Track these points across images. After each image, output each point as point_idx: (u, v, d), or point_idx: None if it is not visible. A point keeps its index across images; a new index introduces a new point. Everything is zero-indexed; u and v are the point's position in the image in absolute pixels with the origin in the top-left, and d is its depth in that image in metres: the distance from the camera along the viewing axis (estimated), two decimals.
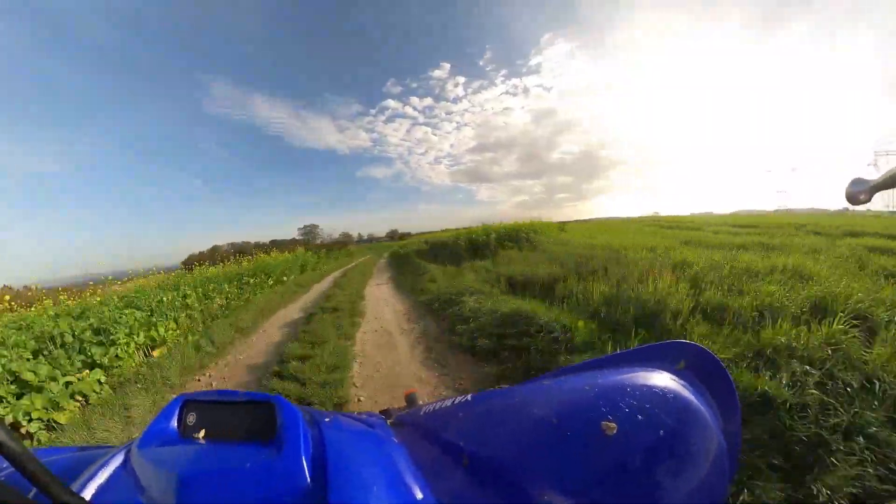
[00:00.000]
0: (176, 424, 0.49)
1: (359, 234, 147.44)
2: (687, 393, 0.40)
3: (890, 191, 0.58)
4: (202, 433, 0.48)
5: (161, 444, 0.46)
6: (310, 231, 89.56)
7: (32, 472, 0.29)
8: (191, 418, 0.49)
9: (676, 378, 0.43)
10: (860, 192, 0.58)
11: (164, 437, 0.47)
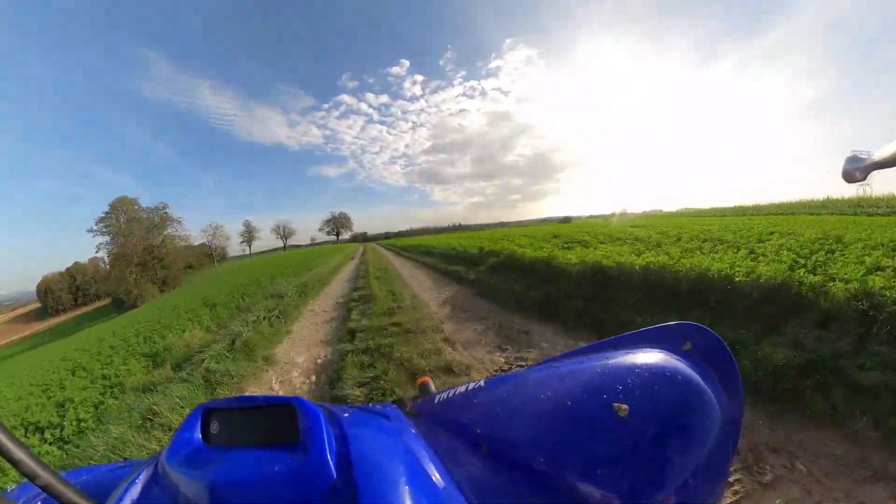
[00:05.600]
0: (200, 434, 0.49)
1: (276, 224, 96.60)
2: (693, 374, 0.42)
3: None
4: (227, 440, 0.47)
5: (188, 454, 0.46)
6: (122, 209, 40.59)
7: (68, 500, 0.30)
8: (214, 426, 0.49)
9: (682, 359, 0.44)
10: (856, 169, 0.56)
11: (189, 447, 0.47)
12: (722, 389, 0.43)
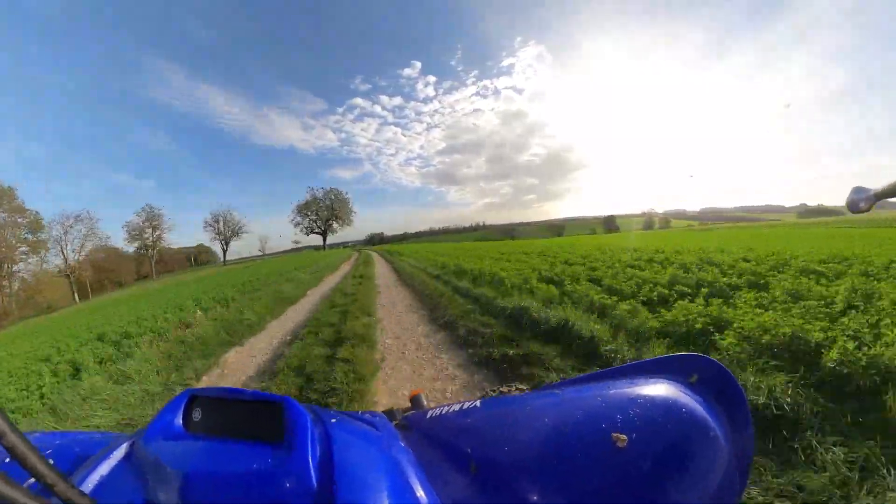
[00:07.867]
0: (181, 420, 0.48)
1: (213, 216, 77.20)
2: (699, 407, 0.40)
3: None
4: (207, 429, 0.47)
5: (166, 438, 0.46)
6: None
7: (32, 464, 0.29)
8: (196, 414, 0.48)
9: (688, 392, 0.43)
10: (861, 199, 0.59)
11: (169, 431, 0.47)
12: (730, 425, 0.41)
